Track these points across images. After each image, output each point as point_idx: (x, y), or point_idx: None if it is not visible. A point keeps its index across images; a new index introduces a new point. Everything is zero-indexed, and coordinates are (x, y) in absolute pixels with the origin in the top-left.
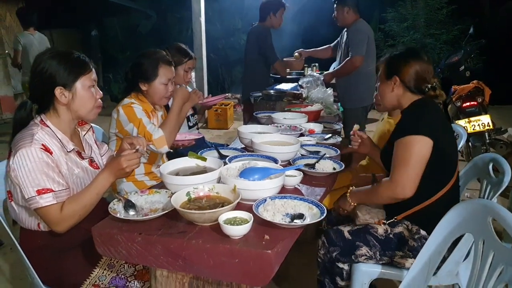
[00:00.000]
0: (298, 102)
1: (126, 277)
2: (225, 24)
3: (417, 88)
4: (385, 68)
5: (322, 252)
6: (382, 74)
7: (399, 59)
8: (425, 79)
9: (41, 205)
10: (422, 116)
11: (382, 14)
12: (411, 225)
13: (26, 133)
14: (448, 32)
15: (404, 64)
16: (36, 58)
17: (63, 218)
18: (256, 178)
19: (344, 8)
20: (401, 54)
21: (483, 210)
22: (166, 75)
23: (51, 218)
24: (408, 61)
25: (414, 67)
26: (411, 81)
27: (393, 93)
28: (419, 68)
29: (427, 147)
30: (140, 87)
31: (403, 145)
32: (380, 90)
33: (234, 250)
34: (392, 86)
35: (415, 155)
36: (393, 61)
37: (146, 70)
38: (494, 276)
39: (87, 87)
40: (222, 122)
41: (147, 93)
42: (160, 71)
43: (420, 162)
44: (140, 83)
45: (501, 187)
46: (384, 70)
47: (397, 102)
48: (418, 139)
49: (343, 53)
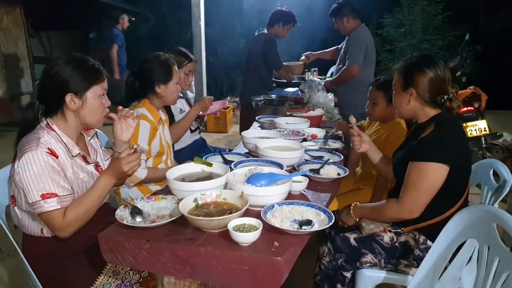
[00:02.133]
0: (300, 106)
1: (131, 284)
2: (224, 28)
3: (434, 101)
4: (400, 78)
5: (327, 260)
6: (397, 85)
7: (414, 69)
8: (443, 89)
9: (45, 209)
10: (443, 143)
11: (379, 20)
12: (418, 235)
13: (32, 136)
14: (444, 38)
15: (420, 75)
16: (50, 61)
17: (66, 223)
18: (263, 184)
19: (343, 19)
20: (416, 63)
21: (488, 216)
22: (177, 75)
23: (54, 223)
24: (424, 71)
25: (431, 78)
26: (428, 93)
27: (409, 105)
28: (436, 79)
29: (443, 173)
30: (154, 91)
31: (418, 170)
32: (396, 101)
33: (244, 257)
34: (409, 98)
35: (429, 182)
36: (408, 71)
37: (161, 72)
38: (500, 282)
39: (98, 96)
40: (221, 126)
41: (163, 95)
42: (174, 72)
43: (432, 189)
44: (156, 86)
45: (502, 193)
46: (399, 80)
47: (414, 114)
48: (435, 167)
49: (342, 59)
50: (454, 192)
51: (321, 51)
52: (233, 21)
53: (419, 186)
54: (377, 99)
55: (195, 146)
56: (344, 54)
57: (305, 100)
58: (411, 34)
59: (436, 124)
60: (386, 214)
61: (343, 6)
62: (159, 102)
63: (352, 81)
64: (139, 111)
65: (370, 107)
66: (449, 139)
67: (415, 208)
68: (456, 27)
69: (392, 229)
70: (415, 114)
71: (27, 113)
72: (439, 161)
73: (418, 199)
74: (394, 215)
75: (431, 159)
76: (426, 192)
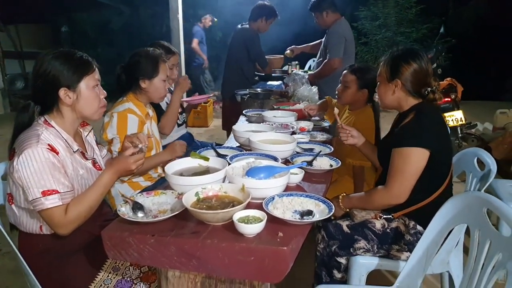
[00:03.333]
0: (285, 100)
1: (132, 279)
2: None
3: (417, 92)
4: (386, 69)
5: (322, 246)
6: (383, 76)
7: (401, 61)
8: (427, 82)
9: (46, 206)
10: (423, 128)
11: (354, 13)
12: (408, 221)
13: (30, 133)
14: (418, 31)
15: (406, 66)
16: (38, 59)
17: (68, 220)
18: (262, 177)
19: (322, 13)
20: (403, 55)
21: (478, 202)
22: (164, 72)
23: (55, 221)
24: (409, 63)
25: (416, 70)
26: (412, 84)
27: (394, 96)
28: (420, 71)
29: (424, 157)
30: (139, 86)
31: (401, 156)
32: (381, 91)
33: (250, 248)
34: (393, 89)
35: (412, 167)
36: (395, 63)
37: (147, 67)
38: (492, 263)
39: (92, 87)
40: (202, 120)
41: (147, 91)
42: (160, 68)
43: (416, 173)
44: (141, 81)
45: (488, 181)
46: (385, 71)
47: (398, 104)
48: (416, 152)
49: (322, 52)
50: (437, 176)
51: (305, 45)
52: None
53: (404, 171)
54: (349, 82)
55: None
56: (325, 48)
57: (290, 93)
58: (386, 27)
59: (416, 112)
60: (375, 202)
61: (322, 1)
62: (145, 97)
63: (333, 74)
64: (125, 105)
65: (341, 89)
66: (428, 125)
67: (402, 193)
68: (428, 20)
69: (383, 215)
70: (398, 105)
71: (22, 115)
72: (420, 145)
73: (403, 184)
74: (384, 202)
75: (412, 144)
76: (410, 176)
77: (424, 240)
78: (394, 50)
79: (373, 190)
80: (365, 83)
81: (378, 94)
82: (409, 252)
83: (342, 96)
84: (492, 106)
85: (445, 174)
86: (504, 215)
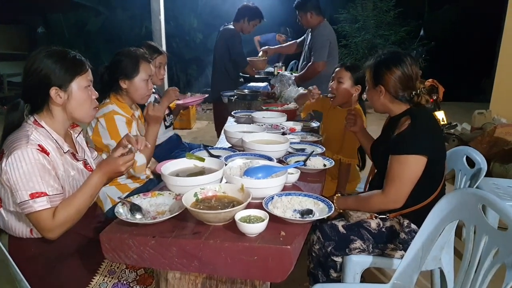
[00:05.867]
0: (272, 101)
1: (128, 282)
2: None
3: (403, 97)
4: (370, 75)
5: (317, 247)
6: (369, 81)
7: (382, 67)
8: (410, 86)
9: (34, 209)
10: (420, 135)
11: (334, 15)
12: (402, 219)
13: (20, 134)
14: (396, 33)
15: (388, 73)
16: (30, 57)
17: (56, 224)
18: (260, 176)
19: (306, 14)
20: (385, 61)
21: (473, 198)
22: (146, 72)
23: (42, 224)
24: (391, 69)
25: (399, 76)
26: (396, 90)
27: (381, 100)
28: (403, 76)
29: (422, 163)
30: (119, 86)
31: (399, 162)
32: (369, 97)
33: (253, 248)
34: (379, 95)
35: (410, 173)
36: (377, 69)
37: (126, 66)
38: (489, 258)
39: (84, 88)
40: (185, 122)
41: (128, 91)
42: (141, 67)
43: (413, 179)
44: (120, 81)
45: (479, 177)
46: (370, 77)
47: (387, 109)
48: (414, 159)
49: (306, 55)
50: (433, 179)
51: (278, 46)
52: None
53: (401, 178)
54: (344, 78)
55: (170, 142)
56: (309, 50)
57: (277, 94)
58: (365, 29)
59: (412, 117)
60: (372, 206)
61: (308, 1)
62: (127, 98)
63: (318, 76)
64: (109, 107)
65: (335, 85)
66: (424, 131)
67: (399, 198)
68: (406, 23)
69: (378, 215)
70: (387, 109)
71: (12, 114)
72: (418, 153)
73: (401, 190)
74: (380, 206)
75: (410, 151)
76: (408, 183)
77: (419, 236)
78: (378, 55)
79: (370, 193)
80: (358, 79)
81: (368, 99)
82: (403, 251)
83: (337, 92)
84: (468, 107)
85: (440, 176)
86: (501, 211)
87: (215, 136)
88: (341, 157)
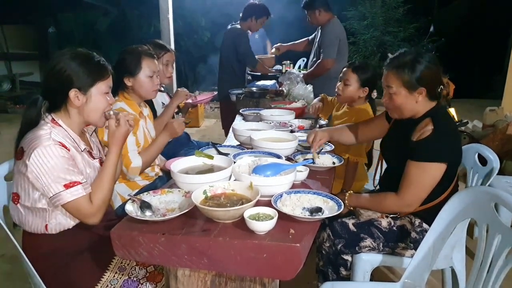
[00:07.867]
0: (281, 99)
1: (138, 279)
2: (188, 21)
3: (436, 94)
4: (406, 78)
5: (328, 245)
6: (401, 85)
7: (421, 68)
8: (441, 80)
9: (70, 198)
10: (441, 144)
11: (342, 12)
12: (414, 218)
13: (39, 131)
14: (405, 30)
15: (426, 72)
16: (55, 57)
17: (96, 208)
18: (269, 174)
19: (315, 12)
20: (418, 61)
21: (486, 197)
22: (150, 67)
23: (83, 211)
24: (429, 67)
25: (434, 71)
26: (435, 87)
27: (417, 103)
28: (437, 71)
29: (442, 170)
30: (125, 84)
31: (418, 168)
32: (401, 102)
33: (263, 245)
34: (416, 98)
35: (428, 180)
36: (414, 71)
37: (129, 64)
38: (502, 257)
39: (103, 93)
40: (193, 120)
41: (133, 89)
42: (144, 64)
43: (431, 185)
44: (125, 79)
45: (492, 175)
46: (405, 82)
47: (415, 111)
48: (434, 166)
49: (316, 52)
50: (446, 179)
51: (291, 43)
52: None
53: (420, 183)
54: (350, 80)
55: (179, 140)
56: (318, 47)
57: (285, 92)
58: (374, 26)
59: (433, 121)
60: (385, 207)
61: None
62: (134, 96)
63: (327, 74)
64: (117, 105)
65: (342, 87)
66: (447, 138)
67: (414, 203)
68: (415, 20)
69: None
70: (415, 111)
71: (30, 110)
72: (439, 160)
73: (417, 195)
74: (394, 209)
75: (432, 159)
76: (425, 188)
77: (430, 234)
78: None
79: (384, 194)
80: (366, 81)
81: (397, 105)
82: (414, 250)
83: (343, 94)
84: (479, 104)
85: (453, 176)
86: None
87: (223, 134)
88: (348, 155)
